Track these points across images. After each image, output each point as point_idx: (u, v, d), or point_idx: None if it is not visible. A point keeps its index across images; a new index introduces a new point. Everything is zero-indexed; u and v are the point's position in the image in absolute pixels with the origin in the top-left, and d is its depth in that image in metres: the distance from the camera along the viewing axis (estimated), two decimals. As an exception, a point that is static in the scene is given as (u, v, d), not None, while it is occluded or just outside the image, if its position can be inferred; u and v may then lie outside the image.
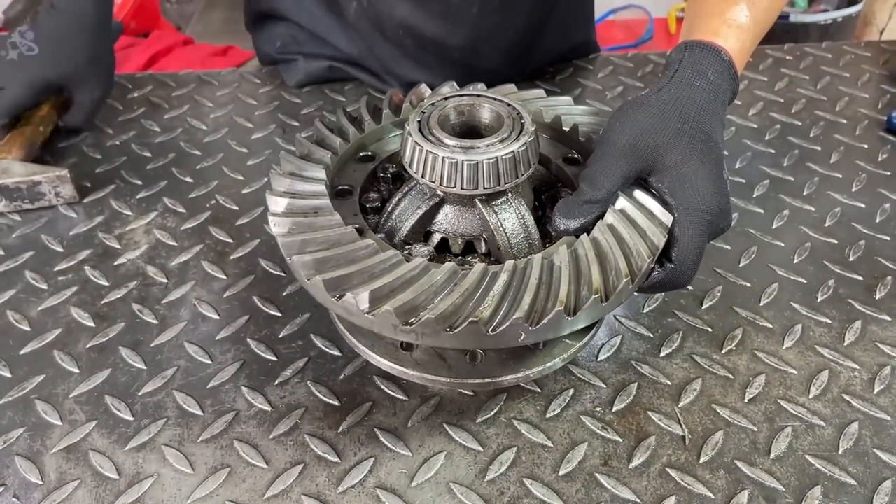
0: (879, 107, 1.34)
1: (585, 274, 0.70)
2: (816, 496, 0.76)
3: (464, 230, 0.79)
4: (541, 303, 0.68)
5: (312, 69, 1.40)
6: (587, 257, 0.71)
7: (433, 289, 0.68)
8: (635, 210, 0.75)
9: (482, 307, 0.67)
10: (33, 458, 0.80)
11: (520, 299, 0.68)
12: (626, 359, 0.89)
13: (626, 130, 0.78)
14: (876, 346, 0.91)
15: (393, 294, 0.68)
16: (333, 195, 0.83)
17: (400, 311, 0.66)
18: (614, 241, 0.72)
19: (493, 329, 0.66)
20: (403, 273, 0.69)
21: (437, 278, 0.69)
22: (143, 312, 0.95)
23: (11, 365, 0.89)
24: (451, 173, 0.74)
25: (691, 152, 0.77)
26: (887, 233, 1.07)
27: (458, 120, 0.81)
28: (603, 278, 0.70)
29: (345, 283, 0.69)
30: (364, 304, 0.67)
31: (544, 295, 0.69)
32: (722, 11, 0.88)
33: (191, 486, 0.77)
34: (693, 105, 0.80)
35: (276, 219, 0.76)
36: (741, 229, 1.07)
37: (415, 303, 0.67)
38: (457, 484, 0.77)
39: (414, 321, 0.66)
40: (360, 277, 0.69)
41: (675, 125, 0.78)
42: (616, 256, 0.71)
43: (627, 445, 0.80)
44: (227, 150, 1.24)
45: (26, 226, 1.09)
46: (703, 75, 0.82)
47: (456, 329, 0.66)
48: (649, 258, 0.71)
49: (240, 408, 0.84)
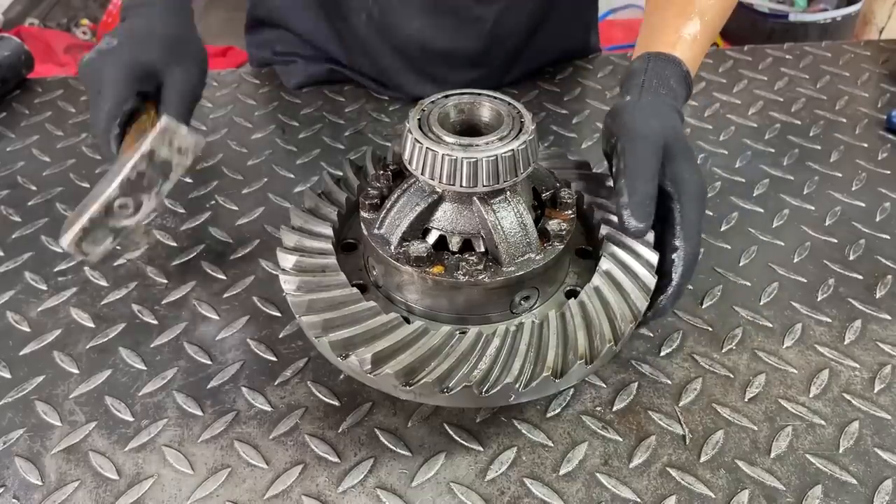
0: (879, 106, 1.34)
1: (572, 339, 0.75)
2: (817, 495, 0.75)
3: (462, 228, 0.79)
4: (529, 367, 0.73)
5: (312, 71, 1.40)
6: (574, 322, 0.75)
7: (430, 352, 0.73)
8: (620, 273, 0.80)
9: (476, 371, 0.72)
10: (33, 459, 0.80)
11: (510, 364, 0.73)
12: (626, 358, 0.89)
13: (644, 127, 0.86)
14: (876, 345, 0.91)
15: (394, 355, 0.72)
16: (340, 249, 0.88)
17: (399, 374, 0.71)
18: (600, 306, 0.77)
19: (485, 391, 0.71)
20: (403, 336, 0.73)
21: (435, 342, 0.73)
22: (142, 313, 0.95)
23: (11, 366, 0.89)
24: (450, 171, 0.74)
25: (678, 146, 0.86)
26: (887, 232, 1.07)
27: (458, 118, 0.82)
28: (588, 343, 0.75)
29: (349, 343, 0.73)
30: (367, 366, 0.72)
31: (533, 359, 0.74)
32: (678, 27, 1.00)
33: (191, 486, 0.77)
34: (667, 109, 0.91)
35: (286, 276, 0.80)
36: (741, 228, 1.07)
37: (413, 365, 0.72)
38: (457, 484, 0.77)
39: (412, 383, 0.71)
40: (362, 338, 0.73)
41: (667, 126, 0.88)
42: (601, 321, 0.76)
43: (628, 445, 0.80)
44: (226, 151, 1.24)
45: (25, 226, 1.08)
46: (667, 84, 0.93)
47: (451, 391, 0.71)
48: (632, 323, 0.76)
49: (240, 408, 0.84)
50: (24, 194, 1.15)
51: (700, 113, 1.32)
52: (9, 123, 1.32)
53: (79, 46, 2.89)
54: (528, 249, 0.78)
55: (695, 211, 0.83)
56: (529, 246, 0.79)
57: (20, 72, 1.40)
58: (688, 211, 0.83)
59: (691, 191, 0.84)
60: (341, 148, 1.24)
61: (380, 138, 1.27)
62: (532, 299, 0.81)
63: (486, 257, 0.78)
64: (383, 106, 1.35)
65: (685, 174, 0.84)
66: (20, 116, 1.33)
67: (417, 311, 0.81)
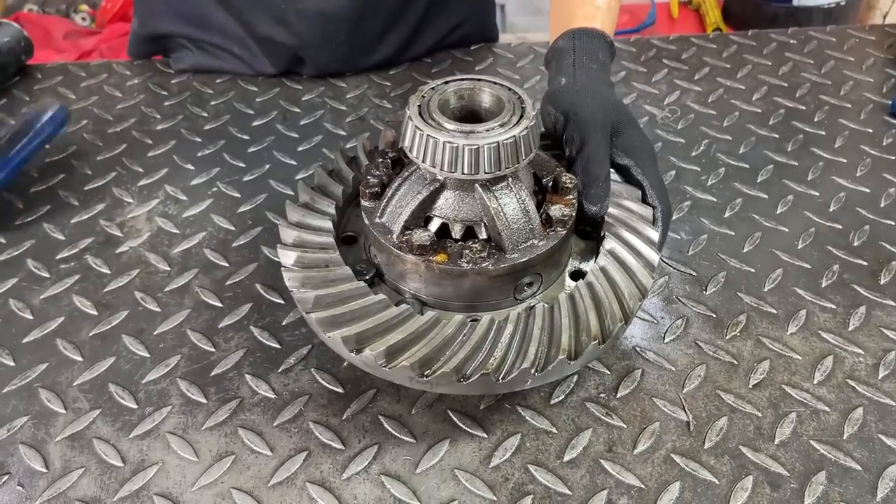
0: (884, 91, 1.33)
1: (584, 320, 0.75)
2: (821, 481, 0.76)
3: (464, 216, 0.79)
4: (544, 351, 0.73)
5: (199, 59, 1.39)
6: (584, 303, 0.76)
7: (444, 341, 0.73)
8: (624, 251, 0.81)
9: (492, 359, 0.72)
10: (38, 447, 0.80)
11: (525, 349, 0.73)
12: (630, 345, 0.89)
13: (591, 111, 0.89)
14: (881, 331, 0.91)
15: (407, 347, 0.72)
16: (340, 242, 0.87)
17: (416, 366, 0.71)
18: (608, 286, 0.78)
19: (502, 378, 0.71)
20: (416, 327, 0.73)
21: (448, 331, 0.73)
22: (145, 300, 0.95)
23: (15, 353, 0.89)
24: (451, 158, 0.74)
25: (622, 118, 0.91)
26: (892, 217, 1.06)
27: (458, 104, 0.81)
28: (600, 323, 0.75)
29: (360, 337, 0.73)
30: (381, 359, 0.72)
31: (547, 343, 0.74)
32: None
33: (195, 473, 0.77)
34: (601, 84, 0.94)
35: (289, 273, 0.79)
36: (745, 215, 1.07)
37: (429, 356, 0.72)
38: (461, 470, 0.77)
39: (429, 373, 0.71)
40: (374, 331, 0.73)
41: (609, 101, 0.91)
42: (610, 301, 0.76)
43: (632, 431, 0.80)
44: (228, 137, 1.23)
45: (28, 213, 1.08)
46: (596, 58, 0.96)
47: (469, 380, 0.71)
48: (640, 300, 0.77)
49: (244, 395, 0.84)
50: (25, 181, 1.14)
51: (704, 98, 1.31)
52: (9, 110, 1.31)
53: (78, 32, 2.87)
54: (531, 235, 0.78)
55: (655, 172, 0.88)
56: (532, 232, 0.78)
57: (19, 58, 1.40)
58: (650, 174, 0.87)
59: (646, 155, 0.89)
60: (343, 134, 1.24)
61: (382, 124, 1.26)
62: (535, 285, 0.81)
63: (489, 244, 0.78)
64: (385, 92, 1.35)
65: (636, 142, 0.89)
66: (20, 103, 1.33)
67: (425, 299, 0.81)
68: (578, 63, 0.95)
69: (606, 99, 0.91)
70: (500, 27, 1.59)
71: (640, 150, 0.89)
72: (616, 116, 0.90)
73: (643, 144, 0.90)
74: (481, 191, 0.77)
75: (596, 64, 0.96)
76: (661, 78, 1.37)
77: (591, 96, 0.91)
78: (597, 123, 0.88)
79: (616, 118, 0.90)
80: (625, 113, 0.92)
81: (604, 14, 1.02)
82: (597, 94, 0.91)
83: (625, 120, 0.91)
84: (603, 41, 0.98)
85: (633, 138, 0.90)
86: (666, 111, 1.28)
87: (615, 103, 0.92)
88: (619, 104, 0.93)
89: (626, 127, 0.90)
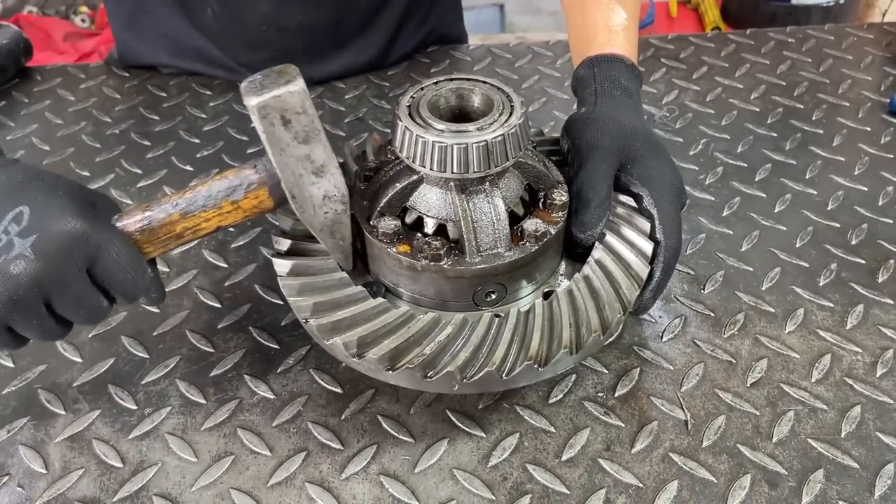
0: (882, 89, 1.33)
1: (557, 329, 0.75)
2: (819, 479, 0.76)
3: (436, 212, 0.78)
4: (545, 345, 0.74)
5: None
6: (560, 311, 0.76)
7: (446, 342, 0.74)
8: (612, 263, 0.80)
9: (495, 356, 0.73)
10: (37, 448, 0.80)
11: (527, 344, 0.73)
12: (628, 344, 0.89)
13: (598, 137, 0.85)
14: (878, 329, 0.91)
15: (410, 348, 0.73)
16: None
17: (419, 367, 0.72)
18: (588, 296, 0.77)
19: (506, 374, 0.72)
20: (419, 328, 0.74)
21: (448, 331, 0.74)
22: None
23: (14, 354, 0.89)
24: (422, 153, 0.73)
25: (645, 146, 0.86)
26: (890, 216, 1.06)
27: (447, 105, 0.80)
28: (600, 317, 0.75)
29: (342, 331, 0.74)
30: (384, 363, 0.72)
31: (548, 337, 0.75)
32: (605, 22, 0.98)
33: (195, 473, 0.77)
34: (625, 110, 0.90)
35: (279, 261, 0.80)
36: (743, 213, 1.07)
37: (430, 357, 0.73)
38: (460, 470, 0.77)
39: (433, 374, 0.72)
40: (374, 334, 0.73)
41: (626, 128, 0.87)
42: (588, 311, 0.76)
43: (630, 430, 0.80)
44: (227, 139, 1.24)
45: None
46: (618, 84, 0.92)
47: (473, 378, 0.72)
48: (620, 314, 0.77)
49: (243, 396, 0.84)
50: (24, 183, 1.14)
51: (702, 97, 1.31)
52: (8, 112, 1.31)
53: (77, 34, 2.87)
54: (496, 244, 0.76)
55: (671, 205, 0.83)
56: (498, 241, 0.76)
57: (19, 60, 1.40)
58: (663, 206, 0.82)
59: (663, 186, 0.84)
60: (342, 135, 1.24)
61: (380, 125, 1.26)
62: (496, 295, 0.79)
63: (453, 246, 0.77)
64: (383, 92, 1.35)
65: (653, 171, 0.84)
66: (20, 105, 1.33)
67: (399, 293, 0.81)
68: (600, 91, 0.92)
69: (622, 126, 0.87)
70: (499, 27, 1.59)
71: (656, 179, 0.84)
72: (632, 143, 0.86)
73: (662, 174, 0.85)
74: (455, 190, 0.76)
75: (619, 90, 0.92)
76: (660, 77, 1.37)
77: (603, 123, 0.87)
78: (600, 149, 0.84)
79: (631, 144, 0.85)
80: (647, 140, 0.87)
81: (621, 38, 0.97)
82: (612, 122, 0.87)
83: (646, 147, 0.86)
84: (623, 66, 0.94)
85: (650, 167, 0.85)
86: (664, 110, 1.28)
87: (633, 129, 0.87)
88: (640, 131, 0.88)
89: (647, 155, 0.86)
